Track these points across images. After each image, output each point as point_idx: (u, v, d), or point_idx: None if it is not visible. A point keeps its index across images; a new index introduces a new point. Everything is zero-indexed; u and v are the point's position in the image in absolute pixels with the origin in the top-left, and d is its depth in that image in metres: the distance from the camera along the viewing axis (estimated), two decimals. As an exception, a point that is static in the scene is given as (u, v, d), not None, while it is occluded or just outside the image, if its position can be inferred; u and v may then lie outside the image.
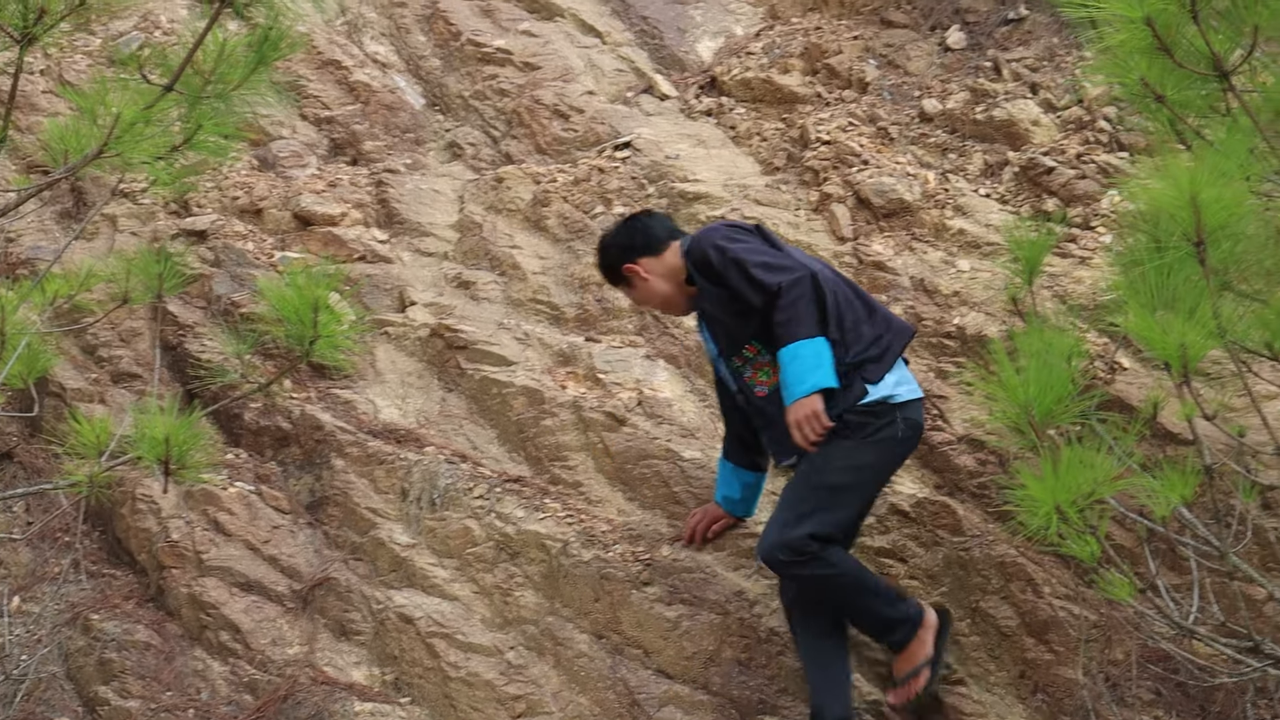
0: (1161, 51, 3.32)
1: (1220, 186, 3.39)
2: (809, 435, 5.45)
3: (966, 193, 7.06)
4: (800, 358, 5.43)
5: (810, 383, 5.44)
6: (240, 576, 6.37)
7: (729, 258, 5.56)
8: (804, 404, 5.44)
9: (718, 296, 5.65)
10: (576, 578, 6.12)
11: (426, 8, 8.65)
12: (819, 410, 5.43)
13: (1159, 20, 3.27)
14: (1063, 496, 3.78)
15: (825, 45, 7.91)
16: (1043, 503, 3.81)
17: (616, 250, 5.85)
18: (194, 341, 6.99)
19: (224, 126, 4.83)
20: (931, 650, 5.64)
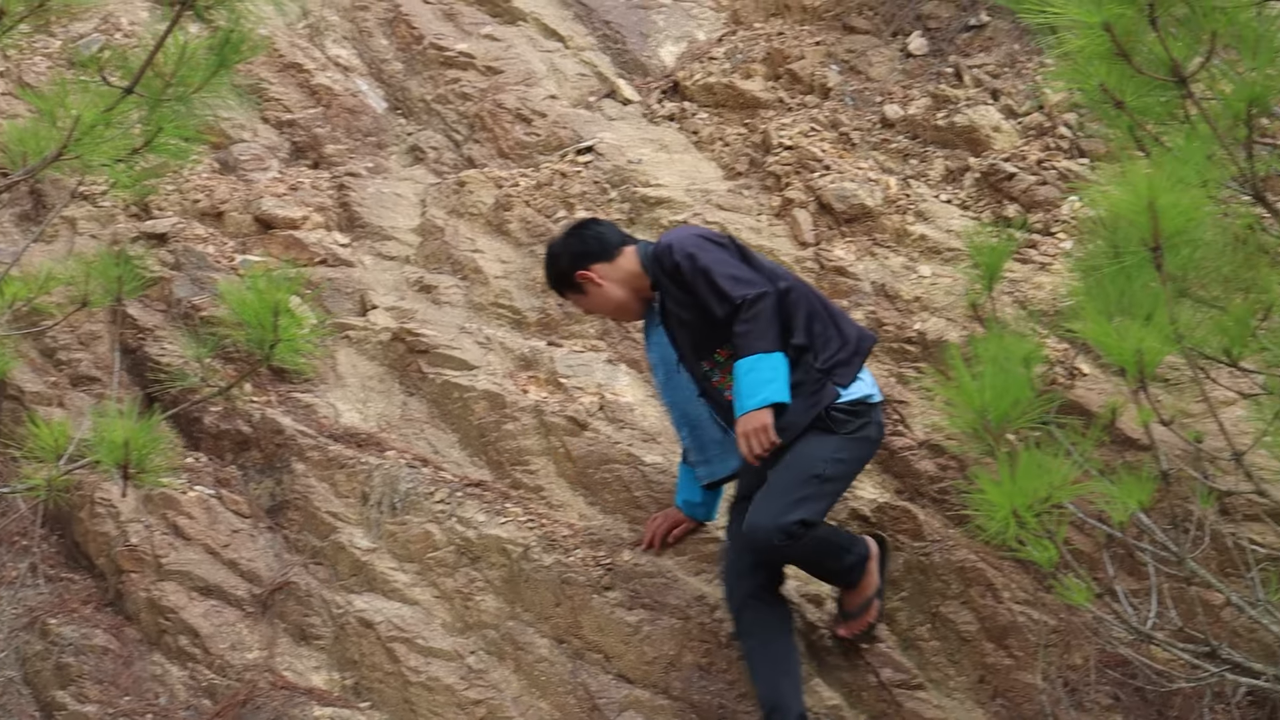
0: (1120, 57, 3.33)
1: (1178, 193, 3.41)
2: (755, 448, 5.51)
3: (928, 198, 7.08)
4: (756, 370, 5.49)
5: (762, 396, 5.49)
6: (199, 581, 6.35)
7: (698, 266, 5.59)
8: (755, 416, 5.49)
9: (688, 303, 5.67)
10: (537, 582, 6.12)
11: (389, 11, 8.63)
12: (768, 424, 5.48)
13: (1117, 26, 3.28)
14: (1020, 501, 3.80)
15: (787, 51, 7.92)
16: (1000, 507, 3.82)
17: (570, 257, 5.84)
18: (154, 345, 6.96)
19: (185, 129, 4.82)
20: (878, 580, 5.79)
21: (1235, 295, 4.72)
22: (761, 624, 5.69)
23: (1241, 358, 4.66)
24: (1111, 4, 3.27)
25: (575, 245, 5.86)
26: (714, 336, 5.69)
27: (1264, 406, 4.70)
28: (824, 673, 5.91)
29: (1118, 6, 3.27)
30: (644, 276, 5.80)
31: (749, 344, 5.49)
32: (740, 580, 5.71)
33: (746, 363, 5.50)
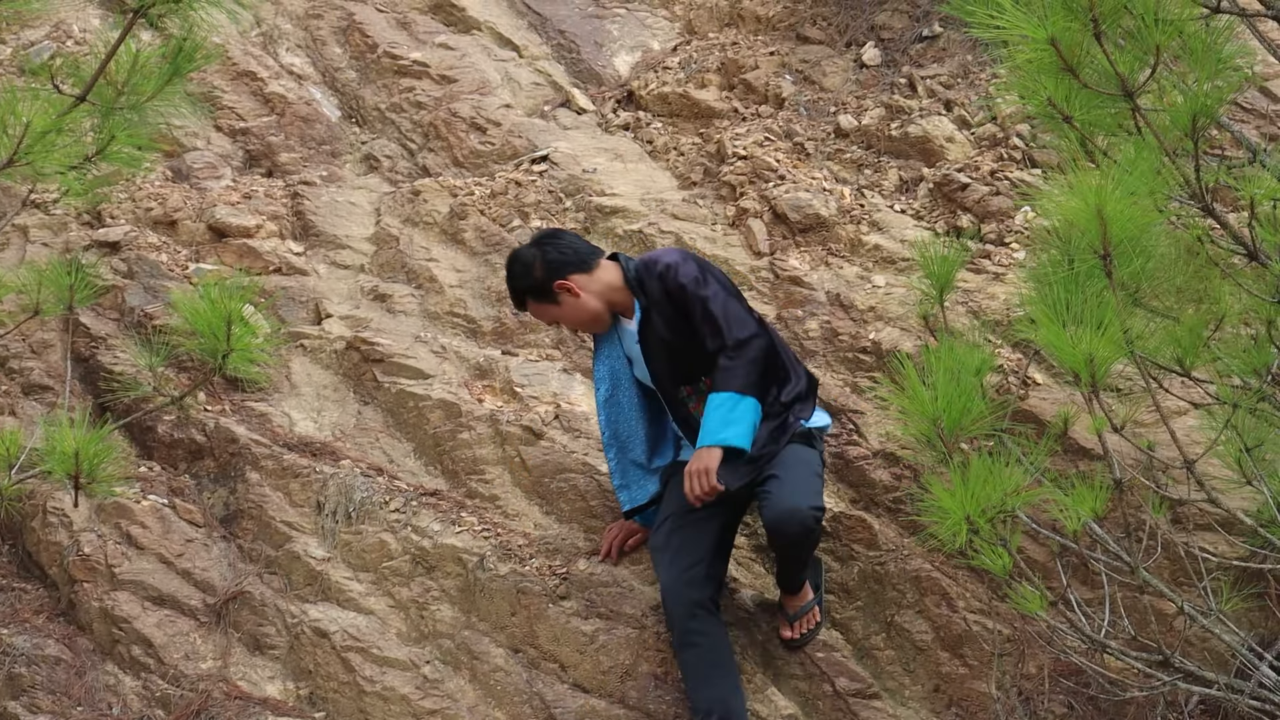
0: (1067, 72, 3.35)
1: (1127, 202, 3.43)
2: (696, 489, 5.60)
3: (882, 208, 7.10)
4: (726, 408, 5.57)
5: (722, 436, 5.56)
6: (153, 590, 6.32)
7: (700, 294, 5.64)
8: (708, 455, 5.59)
9: (678, 326, 5.72)
10: (493, 591, 6.11)
11: (343, 20, 8.62)
12: (713, 469, 5.55)
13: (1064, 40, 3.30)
14: (972, 507, 3.82)
15: (742, 61, 7.94)
16: (953, 513, 3.84)
17: (547, 266, 5.79)
18: (106, 354, 6.93)
19: (137, 138, 4.81)
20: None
21: (1187, 306, 4.76)
22: (708, 634, 5.68)
23: (1194, 367, 4.70)
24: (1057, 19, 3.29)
25: (552, 254, 5.81)
26: (697, 363, 5.74)
27: (1216, 416, 4.73)
28: (780, 682, 5.92)
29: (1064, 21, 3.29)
30: (625, 290, 5.81)
31: (728, 381, 5.57)
32: (690, 589, 5.68)
33: (720, 398, 5.58)
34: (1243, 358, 4.57)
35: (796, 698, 5.90)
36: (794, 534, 5.56)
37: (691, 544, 5.76)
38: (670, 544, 5.77)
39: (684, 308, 5.67)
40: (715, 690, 5.63)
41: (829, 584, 6.08)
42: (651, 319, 5.77)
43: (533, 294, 5.84)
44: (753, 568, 6.18)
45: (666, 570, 5.73)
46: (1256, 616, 5.42)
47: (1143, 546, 4.89)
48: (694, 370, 5.79)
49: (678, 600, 5.68)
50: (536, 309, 5.91)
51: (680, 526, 5.77)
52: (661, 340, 5.77)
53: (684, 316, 5.69)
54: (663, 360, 5.81)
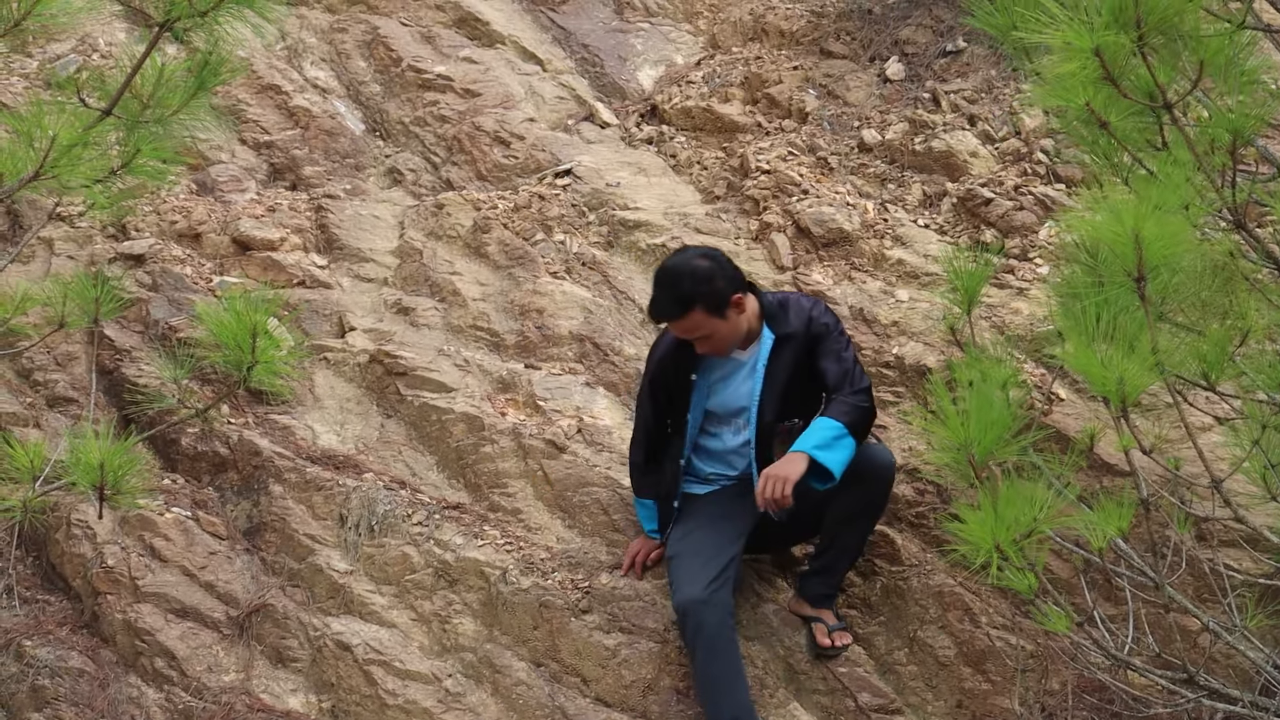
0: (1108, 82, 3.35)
1: (1162, 222, 3.42)
2: (769, 493, 5.64)
3: (905, 223, 7.09)
4: (832, 434, 5.69)
5: (820, 454, 5.66)
6: (176, 603, 6.32)
7: (840, 338, 5.93)
8: (796, 462, 5.66)
9: (802, 365, 5.90)
10: (515, 605, 6.11)
11: (367, 34, 8.63)
12: (793, 479, 5.61)
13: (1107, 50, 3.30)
14: (1003, 535, 3.81)
15: (765, 75, 7.95)
16: (983, 541, 3.83)
17: (728, 279, 5.80)
18: (131, 366, 6.94)
19: (162, 151, 4.81)
20: None
21: (1213, 320, 4.74)
22: (735, 643, 5.71)
23: (1219, 383, 4.68)
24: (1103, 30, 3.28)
25: (729, 269, 5.85)
26: (805, 403, 5.95)
27: (1241, 432, 4.71)
28: (801, 697, 5.91)
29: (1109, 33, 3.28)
30: (759, 320, 5.94)
31: (841, 413, 5.73)
32: (724, 596, 5.70)
33: (828, 423, 5.71)
34: (1268, 373, 4.56)
35: (819, 712, 5.89)
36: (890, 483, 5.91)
37: (719, 553, 5.79)
38: (698, 552, 5.80)
39: (816, 348, 5.88)
40: (741, 696, 5.65)
41: (851, 598, 6.07)
42: (782, 351, 5.90)
43: (706, 303, 5.75)
44: (776, 582, 6.18)
45: (693, 579, 5.73)
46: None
47: (1167, 563, 4.88)
48: (799, 409, 5.94)
49: (713, 608, 5.68)
50: (698, 320, 5.78)
51: (706, 537, 5.80)
52: (785, 373, 5.90)
53: (810, 356, 5.88)
54: (777, 392, 5.92)
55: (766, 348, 5.91)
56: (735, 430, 6.02)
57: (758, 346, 5.92)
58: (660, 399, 6.06)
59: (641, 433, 6.15)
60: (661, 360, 6.03)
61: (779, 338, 5.90)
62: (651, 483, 6.13)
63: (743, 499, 5.95)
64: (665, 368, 6.01)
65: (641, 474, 6.16)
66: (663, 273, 5.83)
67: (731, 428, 6.03)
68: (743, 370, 5.95)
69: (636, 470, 6.18)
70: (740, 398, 5.95)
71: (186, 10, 4.43)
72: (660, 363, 6.04)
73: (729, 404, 5.98)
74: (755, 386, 5.90)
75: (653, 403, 6.08)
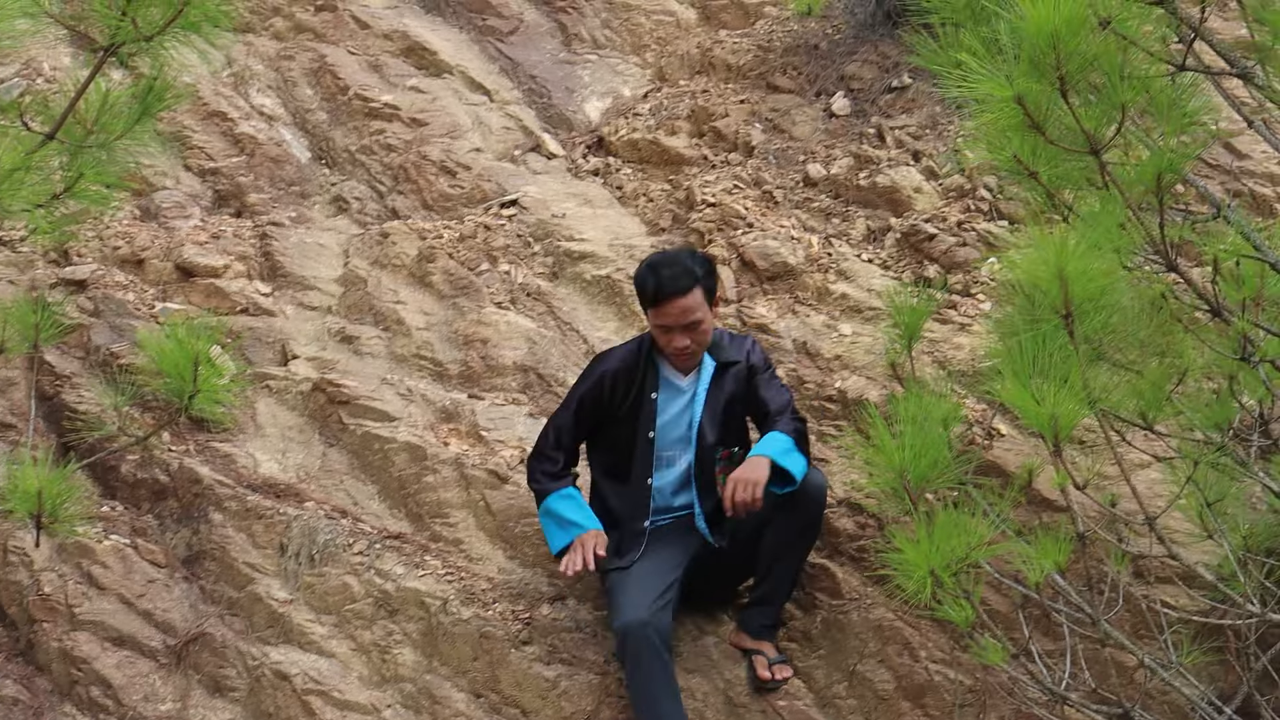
0: (1033, 129, 3.38)
1: (1090, 259, 3.46)
2: (739, 495, 5.69)
3: (849, 257, 7.12)
4: (786, 446, 5.81)
5: (782, 460, 5.75)
6: (113, 631, 6.28)
7: (774, 371, 6.13)
8: (760, 466, 5.73)
9: (738, 395, 6.02)
10: (455, 636, 6.09)
11: (314, 61, 8.62)
12: (762, 482, 5.69)
13: (1029, 98, 3.33)
14: (937, 561, 3.83)
15: (712, 108, 7.97)
16: (918, 566, 3.85)
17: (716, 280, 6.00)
18: (71, 392, 6.90)
19: (106, 176, 4.80)
20: None
21: (1151, 359, 4.78)
22: (669, 661, 5.71)
23: (1156, 421, 4.72)
24: (1023, 79, 3.32)
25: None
26: (740, 432, 6.08)
27: (1177, 470, 4.75)
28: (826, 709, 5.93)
29: (1030, 81, 3.32)
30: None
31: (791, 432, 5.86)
32: (665, 617, 5.70)
33: (783, 438, 5.84)
34: (1205, 412, 4.60)
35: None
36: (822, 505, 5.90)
37: (660, 579, 5.80)
38: (639, 579, 5.80)
39: (754, 378, 6.00)
40: (678, 708, 5.66)
41: (792, 632, 6.08)
42: (723, 378, 6.00)
43: (705, 287, 5.90)
44: (716, 615, 6.18)
45: (635, 603, 5.71)
46: (1217, 670, 5.43)
47: (1104, 599, 4.90)
48: (735, 438, 6.05)
49: (655, 630, 5.67)
50: (699, 300, 5.88)
51: (647, 564, 5.82)
52: (724, 399, 6.00)
53: (747, 386, 6.00)
54: (717, 418, 6.00)
55: (708, 374, 5.98)
56: (670, 462, 6.03)
57: (698, 373, 5.98)
58: (586, 415, 6.02)
59: (554, 437, 6.04)
60: (614, 375, 5.99)
61: (720, 364, 5.99)
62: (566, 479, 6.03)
63: (683, 535, 5.97)
64: (616, 382, 5.98)
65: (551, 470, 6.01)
66: (663, 255, 6.07)
67: (667, 460, 6.04)
68: (683, 397, 5.98)
69: (541, 471, 6.02)
70: (680, 424, 5.98)
71: (132, 35, 4.42)
72: (611, 376, 5.99)
73: (669, 431, 5.99)
74: (696, 410, 5.95)
75: (578, 414, 6.03)
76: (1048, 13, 3.31)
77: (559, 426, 6.04)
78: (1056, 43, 3.36)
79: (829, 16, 8.28)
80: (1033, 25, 3.30)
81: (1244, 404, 4.63)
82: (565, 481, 6.00)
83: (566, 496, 5.97)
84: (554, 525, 5.94)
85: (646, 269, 5.90)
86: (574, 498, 5.97)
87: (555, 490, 5.96)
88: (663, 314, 5.86)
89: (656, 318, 5.88)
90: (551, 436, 6.04)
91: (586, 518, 5.92)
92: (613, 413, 5.99)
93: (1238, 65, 4.36)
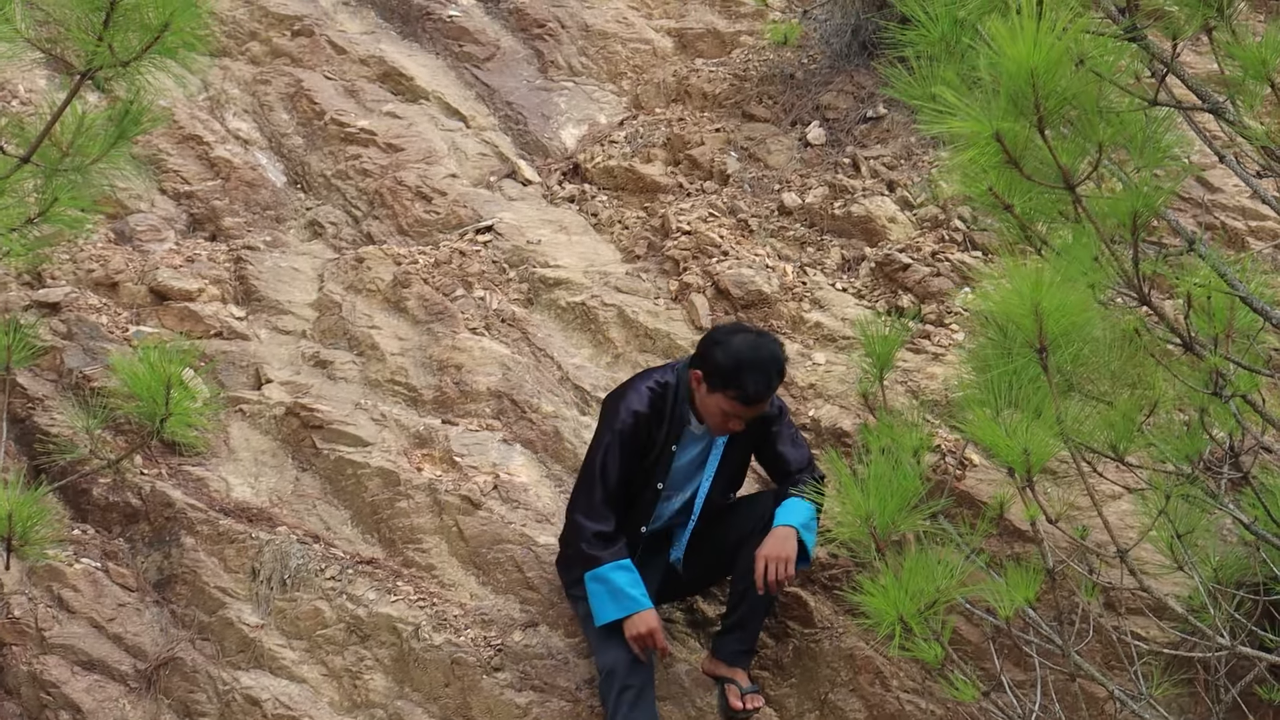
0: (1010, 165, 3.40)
1: (1064, 293, 3.47)
2: (773, 573, 5.69)
3: (824, 286, 7.14)
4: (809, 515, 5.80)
5: (808, 537, 5.78)
6: (83, 655, 6.26)
7: (792, 421, 6.12)
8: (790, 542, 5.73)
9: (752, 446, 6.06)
10: (427, 662, 6.08)
11: (290, 86, 8.63)
12: (794, 559, 5.71)
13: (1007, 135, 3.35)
14: (906, 607, 3.83)
15: (688, 136, 8.00)
16: (887, 614, 3.85)
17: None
18: (43, 415, 6.88)
19: (81, 200, 4.78)
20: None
21: (1122, 390, 4.80)
22: (652, 698, 5.72)
23: (1127, 453, 4.73)
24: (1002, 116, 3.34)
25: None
26: (736, 478, 6.10)
27: (1148, 502, 4.76)
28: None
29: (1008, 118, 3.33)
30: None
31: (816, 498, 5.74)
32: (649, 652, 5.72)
33: (809, 508, 5.77)
34: (1176, 444, 4.61)
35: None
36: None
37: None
38: None
39: (768, 429, 5.97)
40: None
41: (764, 660, 6.08)
42: (741, 431, 5.94)
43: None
44: (688, 643, 6.18)
45: (620, 640, 5.71)
46: (1186, 702, 5.45)
47: (1075, 630, 4.91)
48: (734, 485, 6.11)
49: (641, 668, 5.69)
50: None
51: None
52: (738, 454, 6.04)
53: (761, 435, 5.98)
54: (730, 469, 6.03)
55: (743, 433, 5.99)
56: (667, 498, 6.03)
57: None
58: (632, 455, 5.85)
59: (601, 494, 5.82)
60: (646, 416, 5.86)
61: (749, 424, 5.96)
62: (620, 544, 5.83)
63: (653, 556, 5.98)
64: (646, 424, 5.86)
65: (605, 541, 5.80)
66: (774, 357, 5.81)
67: (665, 496, 6.02)
68: (697, 446, 5.96)
69: (599, 538, 5.80)
70: (689, 472, 5.96)
71: (108, 60, 4.41)
72: (644, 417, 5.86)
73: (676, 476, 5.97)
74: (711, 464, 5.94)
75: (624, 456, 5.84)
76: (1027, 50, 3.32)
77: (609, 480, 5.84)
78: (1035, 80, 3.37)
79: (805, 46, 8.31)
80: (1012, 63, 3.32)
81: (1214, 437, 4.65)
82: (621, 550, 5.79)
83: (624, 568, 5.77)
84: (606, 594, 5.75)
85: (752, 367, 5.75)
86: (631, 570, 5.78)
87: (612, 560, 5.77)
88: (741, 410, 5.79)
89: (732, 408, 5.77)
90: (599, 490, 5.83)
91: (642, 595, 5.75)
92: (642, 456, 5.90)
93: (1209, 100, 4.38)
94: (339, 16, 8.99)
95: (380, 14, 9.05)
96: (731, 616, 5.96)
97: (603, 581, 5.74)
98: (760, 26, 8.73)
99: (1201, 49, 7.02)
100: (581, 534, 5.80)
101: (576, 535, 5.82)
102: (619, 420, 5.84)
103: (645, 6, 9.10)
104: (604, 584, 5.74)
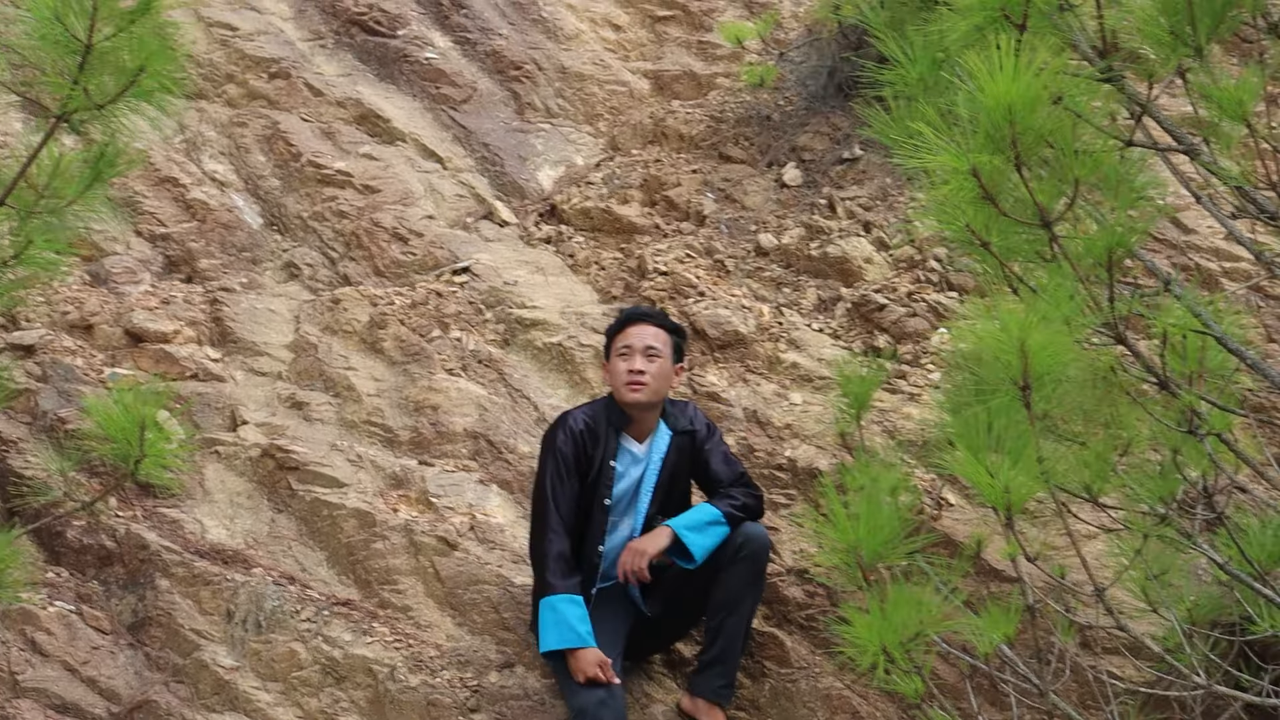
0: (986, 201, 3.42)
1: (1048, 332, 3.49)
2: (628, 566, 5.84)
3: (800, 327, 7.16)
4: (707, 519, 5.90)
5: (690, 536, 5.84)
6: (56, 698, 6.22)
7: (723, 438, 6.21)
8: (659, 538, 5.85)
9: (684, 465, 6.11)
10: (403, 703, 6.06)
11: (267, 128, 8.63)
12: (650, 554, 5.83)
13: (984, 171, 3.37)
14: (890, 638, 3.84)
15: (664, 177, 8.02)
16: (870, 643, 3.86)
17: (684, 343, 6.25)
18: (17, 457, 6.86)
19: (56, 243, 4.78)
20: None
21: (1096, 430, 4.81)
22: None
23: (1101, 493, 4.74)
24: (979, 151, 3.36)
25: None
26: (682, 501, 6.14)
27: (1124, 542, 4.77)
28: None
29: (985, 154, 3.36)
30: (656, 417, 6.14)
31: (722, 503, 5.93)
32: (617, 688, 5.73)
33: (709, 510, 5.92)
34: (1149, 485, 4.62)
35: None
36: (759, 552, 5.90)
37: (614, 651, 5.80)
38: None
39: (703, 447, 6.07)
40: None
41: (740, 700, 6.07)
42: (677, 447, 6.07)
43: (675, 343, 6.13)
44: (664, 683, 6.17)
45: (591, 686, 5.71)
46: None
47: (1052, 669, 4.92)
48: (677, 505, 6.09)
49: (612, 709, 5.68)
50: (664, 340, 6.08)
51: (602, 635, 5.80)
52: (673, 469, 6.07)
53: (696, 456, 6.08)
54: (665, 486, 6.06)
55: (664, 441, 6.06)
56: (614, 527, 6.04)
57: (653, 440, 6.05)
58: (576, 473, 5.93)
59: (555, 518, 5.87)
60: (579, 434, 5.96)
61: (676, 433, 6.06)
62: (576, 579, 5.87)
63: (620, 603, 6.00)
64: (583, 442, 5.96)
65: (566, 567, 5.84)
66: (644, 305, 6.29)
67: (613, 525, 6.04)
68: (638, 466, 6.02)
69: (559, 561, 5.84)
70: (629, 492, 6.00)
71: (84, 103, 4.42)
72: (579, 435, 5.96)
73: (623, 502, 6.02)
74: (649, 478, 5.99)
75: (569, 476, 5.92)
76: (1005, 87, 3.35)
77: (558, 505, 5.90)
78: (1012, 116, 3.40)
79: (781, 88, 8.34)
80: (990, 99, 3.35)
81: (1188, 477, 4.66)
82: (575, 586, 5.81)
83: (574, 602, 5.78)
84: (552, 622, 5.77)
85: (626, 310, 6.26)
86: (581, 606, 5.80)
87: (567, 592, 5.80)
88: (626, 334, 6.01)
89: (620, 340, 6.03)
90: (554, 515, 5.89)
91: (588, 633, 5.76)
92: (584, 472, 5.98)
93: (1184, 142, 4.41)
94: (316, 59, 9.01)
95: (357, 56, 9.07)
96: (709, 651, 5.95)
97: (553, 610, 5.78)
98: (737, 68, 8.77)
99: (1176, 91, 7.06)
100: (544, 561, 5.85)
101: (540, 564, 5.88)
102: (556, 443, 5.99)
103: (622, 49, 9.14)
104: (554, 612, 5.78)
